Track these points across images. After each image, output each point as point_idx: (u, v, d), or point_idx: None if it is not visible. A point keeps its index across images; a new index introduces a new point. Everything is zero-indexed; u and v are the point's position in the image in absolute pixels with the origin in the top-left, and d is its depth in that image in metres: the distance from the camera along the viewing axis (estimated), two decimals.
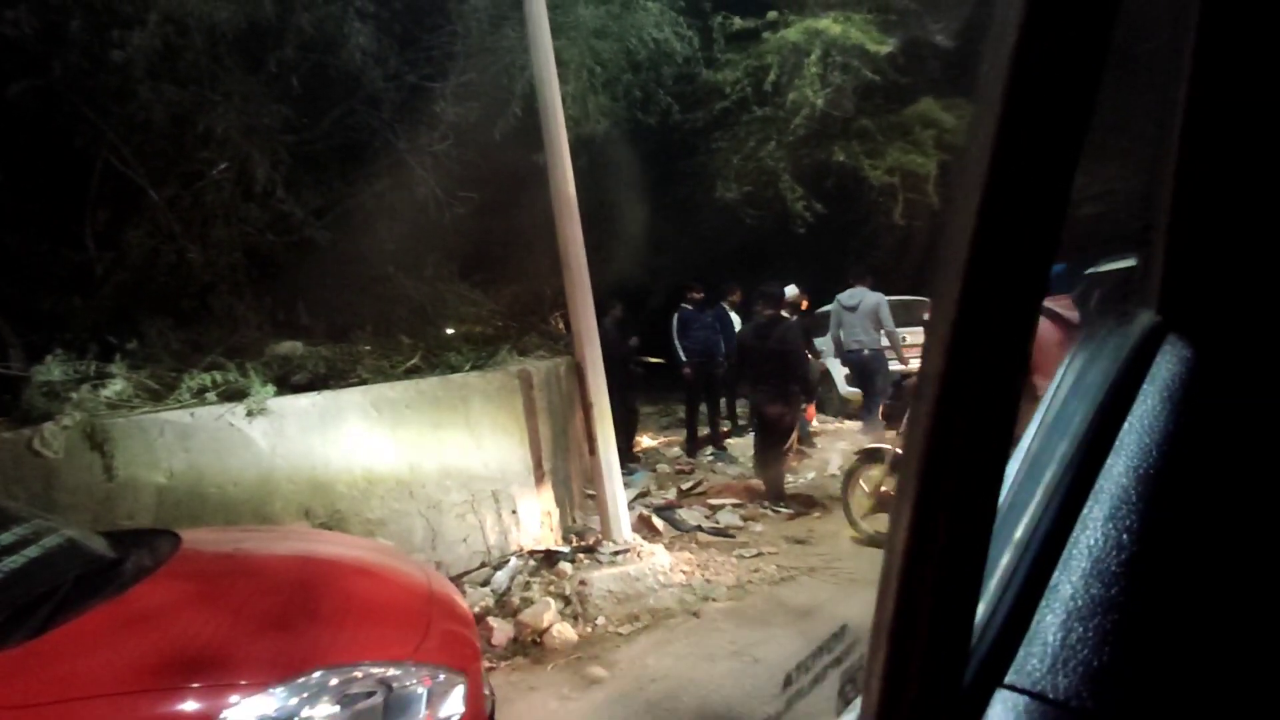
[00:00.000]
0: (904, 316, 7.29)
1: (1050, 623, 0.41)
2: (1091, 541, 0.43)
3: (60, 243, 5.13)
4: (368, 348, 4.98)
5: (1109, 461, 0.47)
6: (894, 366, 6.93)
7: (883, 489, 4.62)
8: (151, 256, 5.31)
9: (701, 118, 9.80)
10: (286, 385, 4.07)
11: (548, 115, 4.57)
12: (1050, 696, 0.38)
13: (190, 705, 1.51)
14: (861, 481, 4.83)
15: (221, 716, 1.50)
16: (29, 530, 1.90)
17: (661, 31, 7.65)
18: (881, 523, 4.65)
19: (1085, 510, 0.45)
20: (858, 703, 0.49)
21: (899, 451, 4.52)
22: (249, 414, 3.66)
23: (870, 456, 4.79)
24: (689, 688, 3.17)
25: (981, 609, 0.43)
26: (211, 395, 3.76)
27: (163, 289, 5.29)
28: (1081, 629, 0.40)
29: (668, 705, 3.05)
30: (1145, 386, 0.51)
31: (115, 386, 3.64)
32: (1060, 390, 0.66)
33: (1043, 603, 0.42)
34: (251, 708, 1.54)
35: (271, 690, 1.57)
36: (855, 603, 3.90)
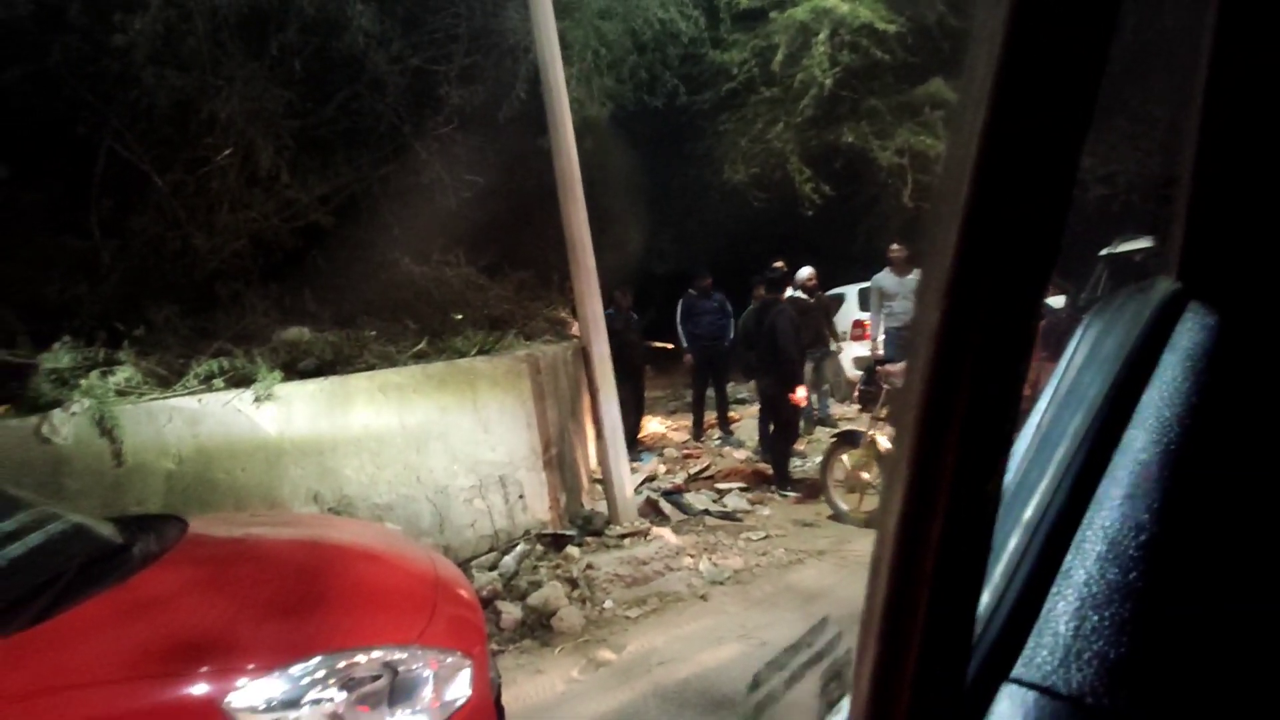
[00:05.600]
0: None
1: (1062, 611, 0.38)
2: (1108, 522, 0.40)
3: (64, 230, 5.12)
4: (374, 333, 4.97)
5: (1127, 435, 0.44)
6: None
7: (856, 470, 4.82)
8: (157, 244, 5.30)
9: (709, 99, 9.70)
10: (293, 371, 4.07)
11: (552, 98, 4.52)
12: (1061, 691, 0.35)
13: (195, 689, 1.51)
14: (838, 463, 5.02)
15: (227, 701, 1.50)
16: (33, 517, 1.90)
17: (667, 11, 7.55)
18: (855, 501, 4.89)
19: (1101, 488, 0.42)
20: (844, 703, 0.45)
21: (871, 435, 4.58)
22: (256, 400, 3.67)
23: (846, 439, 5.01)
24: (696, 670, 3.18)
25: (986, 597, 0.40)
26: (219, 382, 3.76)
27: (169, 276, 5.29)
28: (1096, 618, 0.36)
29: (674, 688, 3.06)
30: (1166, 355, 0.48)
31: (124, 373, 3.64)
32: (1073, 362, 0.62)
33: (1054, 589, 0.39)
34: (257, 691, 1.54)
35: (277, 674, 1.57)
36: (864, 586, 3.90)
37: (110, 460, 3.27)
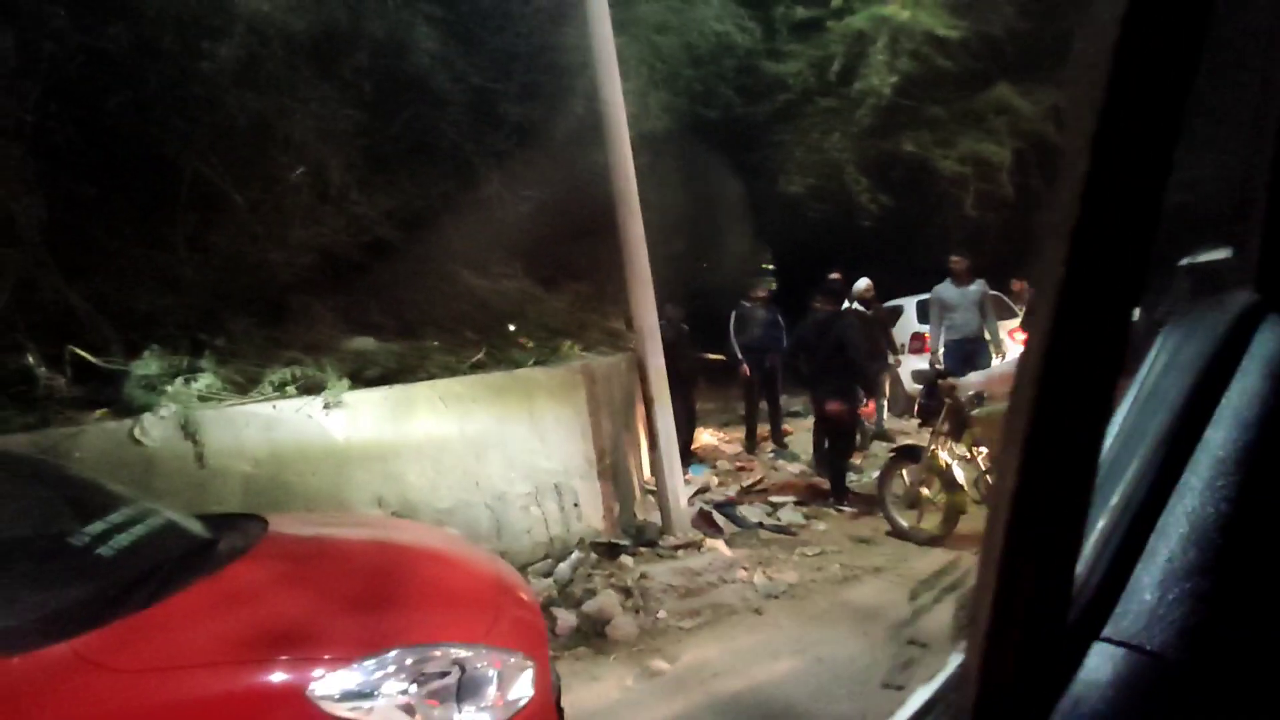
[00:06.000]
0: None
1: (1147, 583, 0.43)
2: (1189, 508, 0.44)
3: (154, 246, 5.45)
4: (436, 344, 5.13)
5: (1207, 434, 0.48)
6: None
7: (916, 486, 4.68)
8: (236, 258, 5.59)
9: (764, 110, 9.67)
10: (360, 380, 4.23)
11: (608, 113, 4.61)
12: (1146, 648, 0.40)
13: (280, 676, 1.61)
14: (897, 478, 4.89)
15: (309, 688, 1.59)
16: (134, 512, 2.05)
17: (723, 24, 7.60)
18: (914, 517, 4.75)
19: (1183, 479, 0.46)
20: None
21: (933, 450, 4.46)
22: (326, 407, 3.83)
23: (905, 454, 4.88)
24: (751, 684, 3.16)
25: (1080, 568, 0.45)
26: (291, 389, 3.94)
27: (246, 289, 5.57)
28: (1178, 589, 0.41)
29: (729, 700, 3.04)
30: (1244, 363, 0.51)
31: (205, 380, 3.86)
32: (1156, 366, 0.66)
33: (1139, 564, 0.44)
34: (336, 681, 1.62)
35: (354, 665, 1.65)
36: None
37: (194, 462, 3.47)
